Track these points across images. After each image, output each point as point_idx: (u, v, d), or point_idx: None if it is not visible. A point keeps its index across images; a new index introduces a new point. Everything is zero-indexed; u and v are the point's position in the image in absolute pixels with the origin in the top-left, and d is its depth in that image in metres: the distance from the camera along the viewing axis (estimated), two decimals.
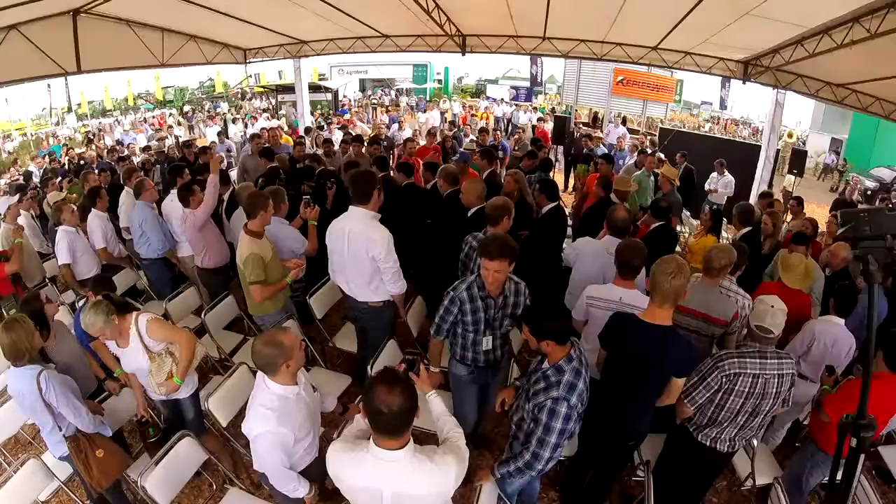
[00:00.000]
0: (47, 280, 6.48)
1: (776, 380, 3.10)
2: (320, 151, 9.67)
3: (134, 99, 29.25)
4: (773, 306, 3.09)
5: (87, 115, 26.12)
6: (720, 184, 9.96)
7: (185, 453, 3.54)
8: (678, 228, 8.17)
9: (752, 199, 10.20)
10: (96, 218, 6.02)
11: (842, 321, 4.05)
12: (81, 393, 3.72)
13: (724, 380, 3.13)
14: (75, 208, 5.95)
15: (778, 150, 11.32)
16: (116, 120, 24.69)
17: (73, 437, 3.50)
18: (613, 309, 3.60)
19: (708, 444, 3.37)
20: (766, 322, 3.07)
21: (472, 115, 21.79)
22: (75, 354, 4.04)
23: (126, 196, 6.62)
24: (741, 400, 3.16)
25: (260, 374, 2.85)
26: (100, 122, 25.19)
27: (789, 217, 7.90)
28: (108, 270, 6.08)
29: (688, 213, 9.34)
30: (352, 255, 4.21)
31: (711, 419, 3.32)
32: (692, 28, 8.12)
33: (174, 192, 5.95)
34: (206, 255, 5.56)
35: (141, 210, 5.91)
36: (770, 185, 10.59)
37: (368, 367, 4.05)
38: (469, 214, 5.26)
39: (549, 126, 15.68)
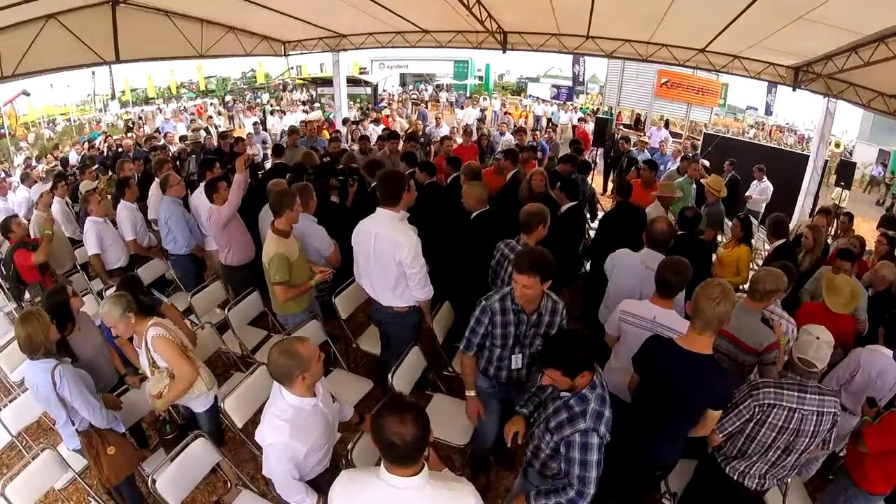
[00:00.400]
0: (78, 266, 6.55)
1: (814, 417, 2.87)
2: (356, 147, 9.59)
3: (177, 88, 29.74)
4: (818, 338, 2.86)
5: (129, 103, 26.64)
6: (756, 190, 9.59)
7: (198, 454, 3.49)
8: (720, 239, 7.88)
9: (797, 211, 9.83)
10: (125, 209, 6.03)
11: (890, 352, 3.76)
12: (102, 386, 3.80)
13: (756, 409, 2.93)
14: (102, 199, 5.95)
15: (826, 161, 10.85)
16: (158, 108, 25.12)
17: (86, 433, 3.52)
18: (645, 327, 3.42)
19: (735, 477, 3.16)
20: (808, 355, 2.85)
21: (507, 113, 21.38)
22: (98, 348, 4.03)
23: (155, 188, 6.61)
24: (773, 434, 2.94)
25: (276, 382, 2.74)
26: (142, 110, 25.69)
27: (832, 231, 7.53)
28: (138, 260, 6.14)
29: (730, 224, 8.98)
30: (377, 258, 4.08)
31: (741, 451, 3.11)
32: (742, 31, 7.84)
33: (203, 185, 5.87)
34: (230, 252, 5.48)
35: (167, 206, 5.84)
36: (816, 197, 10.16)
37: (389, 376, 3.92)
38: (472, 218, 5.06)
39: (590, 127, 15.39)
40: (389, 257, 3.99)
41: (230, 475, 4.01)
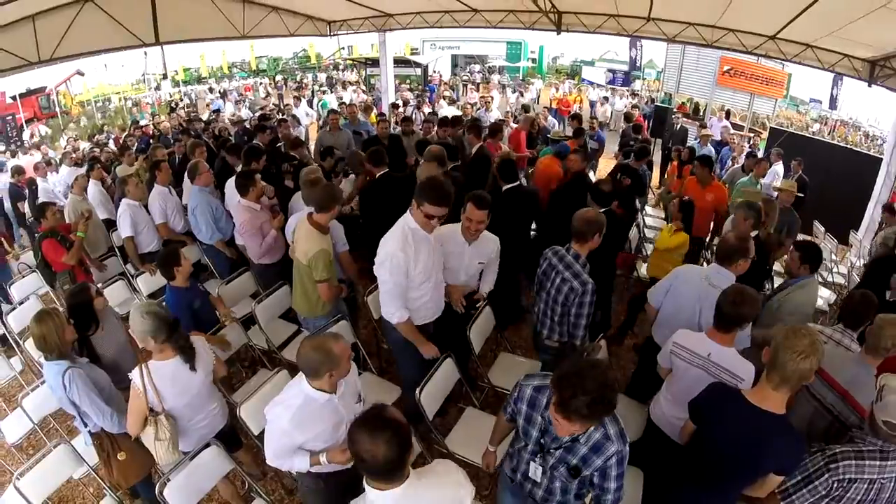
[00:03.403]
0: (115, 250, 6.52)
1: (892, 484, 2.45)
2: (398, 129, 9.30)
3: (229, 67, 30.03)
4: None
5: (179, 83, 27.07)
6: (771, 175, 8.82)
7: (209, 463, 3.34)
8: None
9: (867, 218, 9.07)
10: (156, 193, 5.93)
11: None
12: (126, 385, 3.59)
13: (835, 485, 2.48)
14: (140, 183, 5.88)
15: None
16: (210, 88, 25.38)
17: (97, 436, 3.45)
18: (697, 364, 3.03)
19: None
20: None
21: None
22: (122, 346, 3.93)
23: None
24: None
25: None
26: (192, 90, 26.09)
27: None
28: (170, 244, 6.00)
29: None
30: None
31: None
32: (818, 18, 7.17)
33: (236, 176, 5.57)
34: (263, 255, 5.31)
35: (195, 196, 5.69)
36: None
37: (417, 391, 3.59)
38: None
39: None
40: None
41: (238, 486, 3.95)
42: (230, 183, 5.88)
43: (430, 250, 3.58)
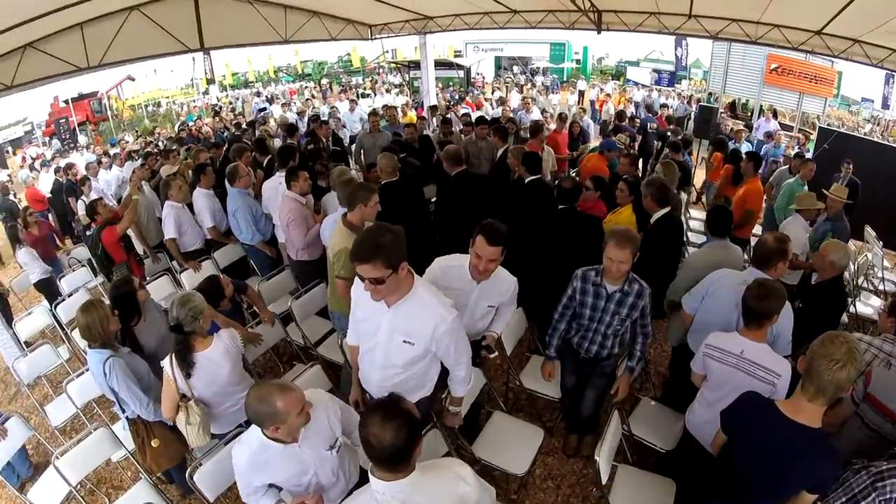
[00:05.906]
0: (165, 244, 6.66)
1: None
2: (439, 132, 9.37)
3: (275, 71, 30.65)
4: None
5: (226, 87, 27.75)
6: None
7: None
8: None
9: None
10: (201, 196, 6.06)
11: None
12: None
13: None
14: (183, 185, 6.04)
15: None
16: (257, 92, 25.92)
17: (133, 422, 3.60)
18: (730, 363, 2.96)
19: None
20: None
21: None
22: (163, 337, 4.00)
23: None
24: None
25: None
26: (240, 94, 26.73)
27: None
28: (214, 243, 6.26)
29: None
30: None
31: None
32: (865, 11, 6.91)
33: (280, 175, 5.80)
34: (304, 252, 5.43)
35: (234, 198, 5.83)
36: None
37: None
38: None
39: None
40: None
41: None
42: (268, 185, 6.07)
43: (377, 319, 2.87)
